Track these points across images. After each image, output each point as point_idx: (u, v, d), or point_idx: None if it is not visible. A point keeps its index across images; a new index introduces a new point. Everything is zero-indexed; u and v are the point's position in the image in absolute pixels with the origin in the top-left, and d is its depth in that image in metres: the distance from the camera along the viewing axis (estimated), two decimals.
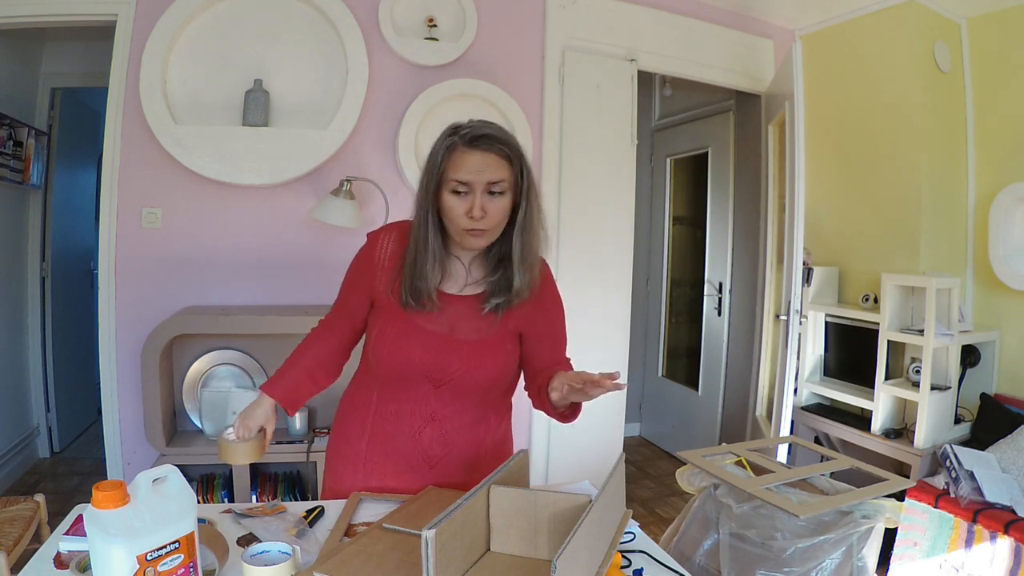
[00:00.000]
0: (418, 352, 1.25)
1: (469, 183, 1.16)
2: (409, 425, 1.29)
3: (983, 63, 3.02)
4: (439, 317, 1.26)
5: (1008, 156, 2.92)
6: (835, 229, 3.28)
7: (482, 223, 1.18)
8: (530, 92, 2.90)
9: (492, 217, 1.18)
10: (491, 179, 1.17)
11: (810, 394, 3.24)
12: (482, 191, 1.17)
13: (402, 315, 1.26)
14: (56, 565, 1.01)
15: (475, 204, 1.16)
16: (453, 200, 1.18)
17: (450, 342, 1.26)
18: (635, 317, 3.58)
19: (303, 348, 1.38)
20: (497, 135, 1.19)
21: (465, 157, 1.17)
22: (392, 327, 1.26)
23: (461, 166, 1.17)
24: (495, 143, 1.18)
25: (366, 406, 1.34)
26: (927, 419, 2.62)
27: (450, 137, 1.19)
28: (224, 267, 2.53)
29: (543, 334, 1.36)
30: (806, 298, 3.12)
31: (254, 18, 2.48)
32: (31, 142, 3.31)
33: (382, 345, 1.26)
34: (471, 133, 1.18)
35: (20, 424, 3.42)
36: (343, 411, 1.41)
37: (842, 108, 3.23)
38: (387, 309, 1.28)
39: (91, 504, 0.86)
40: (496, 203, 1.18)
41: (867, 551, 1.73)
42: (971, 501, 2.26)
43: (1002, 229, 2.83)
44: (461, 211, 1.18)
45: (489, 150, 1.17)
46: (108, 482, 0.87)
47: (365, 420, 1.33)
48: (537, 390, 1.34)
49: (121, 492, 0.86)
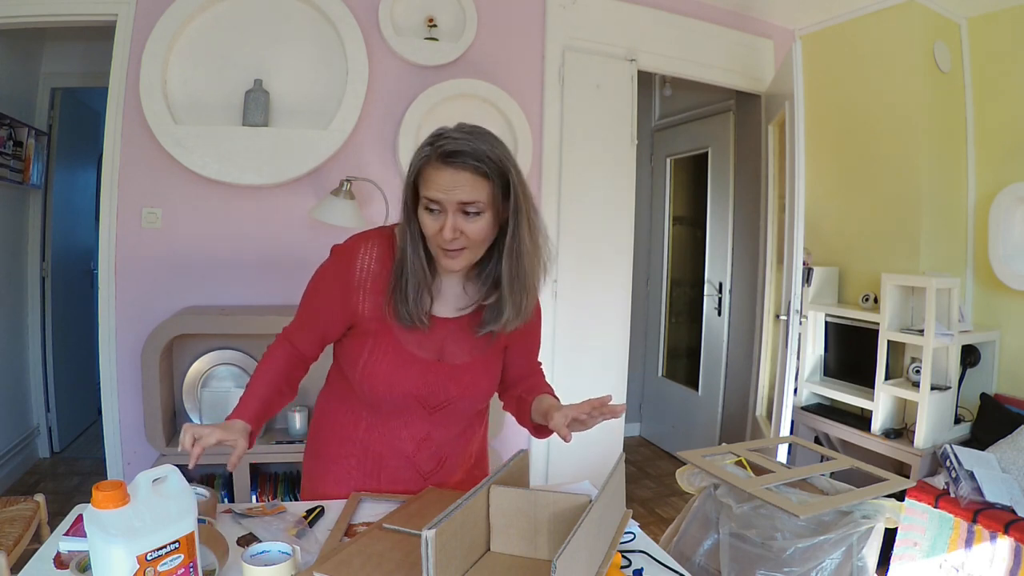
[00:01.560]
0: (413, 384, 1.20)
1: (439, 202, 1.07)
2: (402, 447, 1.26)
3: (983, 63, 3.02)
4: (428, 338, 1.20)
5: (1008, 156, 2.92)
6: (835, 229, 3.28)
7: (455, 244, 1.09)
8: (530, 92, 2.90)
9: (468, 239, 1.09)
10: (462, 199, 1.06)
11: (810, 394, 3.24)
12: (454, 211, 1.07)
13: (391, 340, 1.19)
14: (56, 565, 1.01)
15: (447, 224, 1.07)
16: (427, 218, 1.10)
17: (444, 369, 1.21)
18: (635, 317, 3.58)
19: (269, 367, 1.25)
20: (473, 150, 1.06)
21: (436, 174, 1.07)
22: (383, 359, 1.19)
23: (432, 183, 1.07)
24: (469, 159, 1.05)
25: (353, 426, 1.28)
26: (927, 419, 2.62)
27: (427, 147, 1.09)
28: (224, 267, 2.53)
29: (523, 345, 1.34)
30: (806, 298, 3.12)
31: (254, 18, 2.48)
32: (31, 142, 3.31)
33: (373, 377, 1.20)
34: (445, 147, 1.06)
35: (20, 424, 3.42)
36: (325, 427, 1.33)
37: (842, 108, 3.23)
38: (374, 334, 1.19)
39: (91, 504, 0.86)
40: (473, 224, 1.08)
41: (867, 551, 1.73)
42: (971, 501, 2.26)
43: (1002, 229, 2.83)
44: (434, 230, 1.10)
45: (462, 168, 1.05)
46: (108, 482, 0.87)
47: (353, 439, 1.28)
48: (517, 402, 1.33)
49: (121, 492, 0.86)
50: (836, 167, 3.27)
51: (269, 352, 1.28)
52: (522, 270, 1.16)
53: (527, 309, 1.20)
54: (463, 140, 1.07)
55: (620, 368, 3.14)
